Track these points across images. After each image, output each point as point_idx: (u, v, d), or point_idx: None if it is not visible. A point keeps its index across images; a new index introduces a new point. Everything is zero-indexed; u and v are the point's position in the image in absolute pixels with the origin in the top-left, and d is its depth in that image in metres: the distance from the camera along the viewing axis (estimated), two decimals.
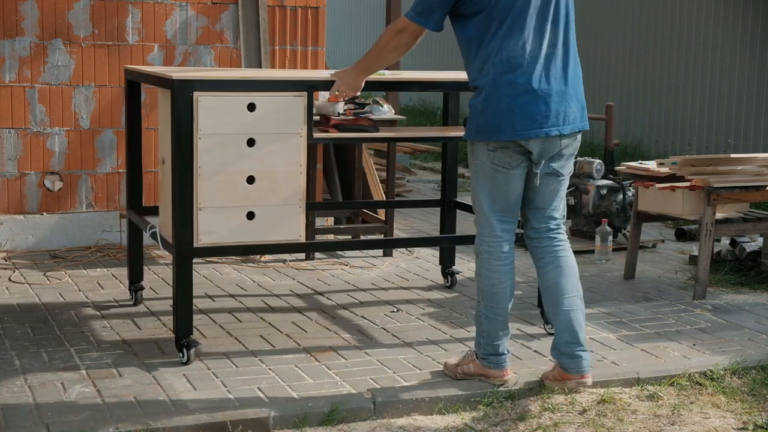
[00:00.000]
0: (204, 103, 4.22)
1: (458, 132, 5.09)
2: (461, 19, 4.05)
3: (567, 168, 4.15)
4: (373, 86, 4.81)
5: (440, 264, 5.88)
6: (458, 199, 5.83)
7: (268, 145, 4.34)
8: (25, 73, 6.20)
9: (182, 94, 4.18)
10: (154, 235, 4.61)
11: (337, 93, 4.40)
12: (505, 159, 4.02)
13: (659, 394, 4.24)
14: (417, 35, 4.11)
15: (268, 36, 6.62)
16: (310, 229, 6.15)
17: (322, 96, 4.96)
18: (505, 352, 4.19)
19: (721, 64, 10.43)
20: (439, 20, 4.05)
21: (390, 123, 6.36)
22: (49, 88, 6.25)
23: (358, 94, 4.45)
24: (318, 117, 4.87)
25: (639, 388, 4.31)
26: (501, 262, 4.11)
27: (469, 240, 5.50)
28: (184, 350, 4.29)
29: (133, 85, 5.04)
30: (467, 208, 5.77)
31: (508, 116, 3.94)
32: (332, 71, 4.48)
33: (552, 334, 4.81)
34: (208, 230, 4.30)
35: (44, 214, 6.32)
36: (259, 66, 6.51)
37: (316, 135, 4.58)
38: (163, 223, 4.65)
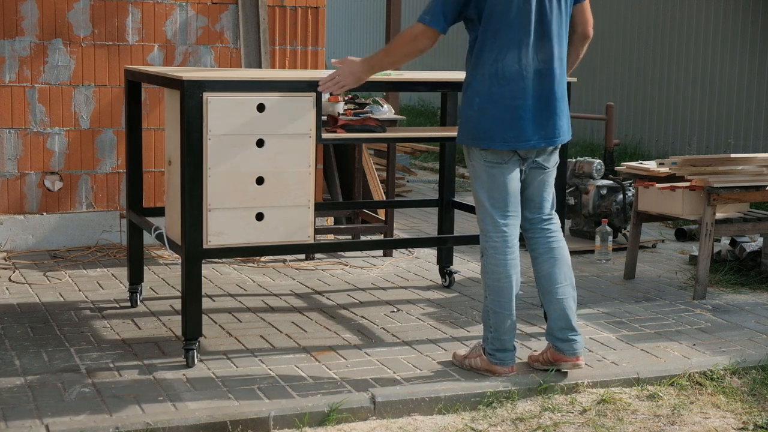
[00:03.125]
0: (214, 103, 4.21)
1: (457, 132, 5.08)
2: (466, 23, 4.20)
3: (551, 161, 4.33)
4: (375, 86, 4.82)
5: (438, 264, 5.88)
6: (456, 199, 5.83)
7: (277, 145, 4.34)
8: (25, 73, 6.20)
9: (192, 95, 4.18)
10: (159, 237, 4.60)
11: (336, 79, 4.30)
12: (496, 156, 4.19)
13: (659, 394, 4.24)
14: (432, 38, 4.14)
15: (268, 36, 6.62)
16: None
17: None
18: (512, 348, 4.29)
19: (721, 64, 10.43)
20: (447, 22, 4.11)
21: (390, 123, 6.36)
22: (49, 88, 6.25)
23: (348, 90, 4.41)
24: (325, 117, 4.87)
25: (639, 388, 4.31)
26: (506, 257, 4.23)
27: (470, 240, 5.52)
28: (190, 353, 4.29)
29: (134, 85, 5.03)
30: (466, 208, 5.78)
31: (500, 127, 4.13)
32: (335, 59, 4.44)
33: None
34: (217, 231, 4.30)
35: (44, 214, 6.32)
36: (259, 66, 6.51)
37: (325, 135, 4.59)
38: (169, 224, 4.64)
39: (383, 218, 6.55)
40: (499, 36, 4.08)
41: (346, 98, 6.11)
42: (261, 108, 4.30)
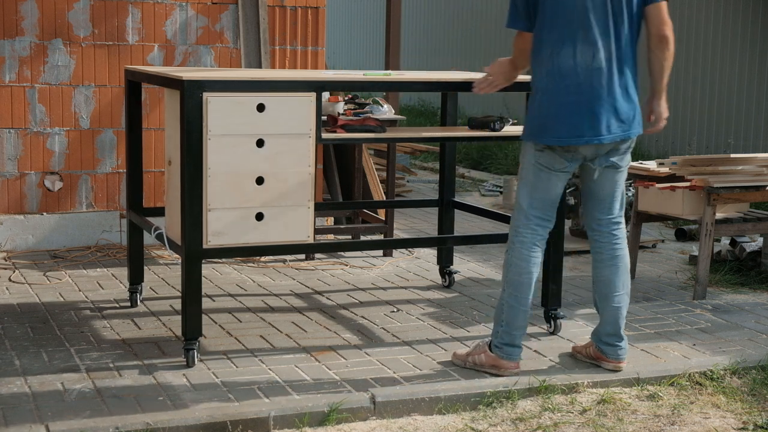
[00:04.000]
0: (214, 103, 4.21)
1: (457, 132, 5.09)
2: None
3: (626, 160, 4.33)
4: (375, 86, 4.82)
5: (438, 264, 5.88)
6: (457, 199, 5.83)
7: (277, 145, 4.35)
8: (25, 73, 6.20)
9: (192, 95, 4.18)
10: (159, 237, 4.60)
11: (490, 79, 4.44)
12: (549, 160, 4.22)
13: (659, 394, 4.24)
14: (523, 38, 4.27)
15: (268, 36, 6.62)
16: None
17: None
18: (520, 345, 4.33)
19: (721, 64, 10.43)
20: (522, 18, 4.23)
21: (390, 123, 6.36)
22: (49, 88, 6.25)
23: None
24: (325, 117, 4.88)
25: (639, 388, 4.31)
26: (531, 253, 4.27)
27: (470, 240, 5.52)
28: (191, 353, 4.29)
29: (134, 85, 5.03)
30: (465, 208, 5.79)
31: (554, 123, 4.16)
32: (486, 66, 4.50)
33: (552, 333, 4.88)
34: (217, 231, 4.30)
35: (44, 214, 6.32)
36: (259, 66, 6.51)
37: (325, 135, 4.59)
38: (169, 224, 4.64)
39: (383, 218, 6.55)
40: (554, 32, 4.12)
41: (347, 98, 6.11)
42: (261, 108, 4.30)
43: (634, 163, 6.30)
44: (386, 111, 6.42)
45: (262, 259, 6.27)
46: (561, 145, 4.16)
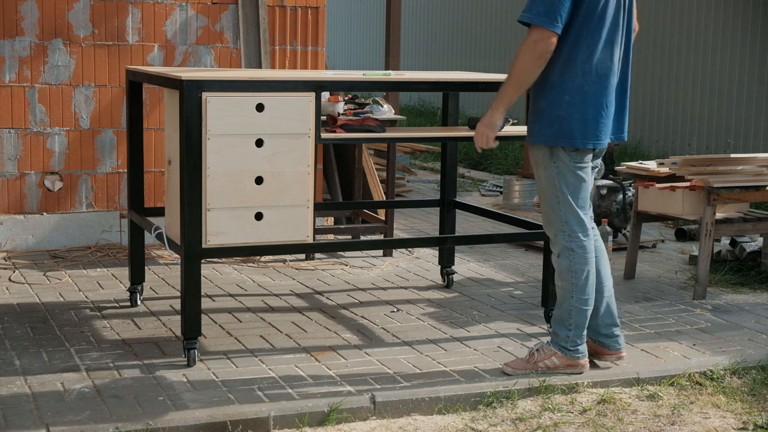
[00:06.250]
0: (213, 103, 4.22)
1: (457, 132, 5.09)
2: None
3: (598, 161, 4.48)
4: (375, 86, 4.82)
5: (439, 264, 5.88)
6: (458, 199, 5.82)
7: (276, 145, 4.35)
8: (25, 73, 6.20)
9: (191, 95, 4.18)
10: (159, 236, 4.61)
11: (481, 140, 4.20)
12: (584, 157, 4.26)
13: (659, 394, 4.24)
14: (553, 42, 4.01)
15: (268, 36, 6.62)
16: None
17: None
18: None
19: (720, 64, 10.43)
20: (563, 23, 4.03)
21: (390, 123, 6.36)
22: (49, 88, 6.25)
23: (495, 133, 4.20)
24: (324, 117, 4.88)
25: (639, 388, 4.31)
26: (591, 254, 4.31)
27: (470, 240, 5.51)
28: (191, 353, 4.29)
29: (135, 85, 5.03)
30: (467, 208, 5.78)
31: (594, 125, 4.16)
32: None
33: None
34: (216, 231, 4.30)
35: (44, 214, 6.32)
36: (259, 66, 6.51)
37: (324, 135, 4.59)
38: (169, 224, 4.65)
39: (383, 218, 6.55)
40: (595, 34, 4.10)
41: (346, 98, 6.11)
42: (260, 108, 4.30)
43: (634, 163, 6.30)
44: (386, 111, 6.42)
45: (262, 259, 6.27)
46: (602, 147, 4.24)
